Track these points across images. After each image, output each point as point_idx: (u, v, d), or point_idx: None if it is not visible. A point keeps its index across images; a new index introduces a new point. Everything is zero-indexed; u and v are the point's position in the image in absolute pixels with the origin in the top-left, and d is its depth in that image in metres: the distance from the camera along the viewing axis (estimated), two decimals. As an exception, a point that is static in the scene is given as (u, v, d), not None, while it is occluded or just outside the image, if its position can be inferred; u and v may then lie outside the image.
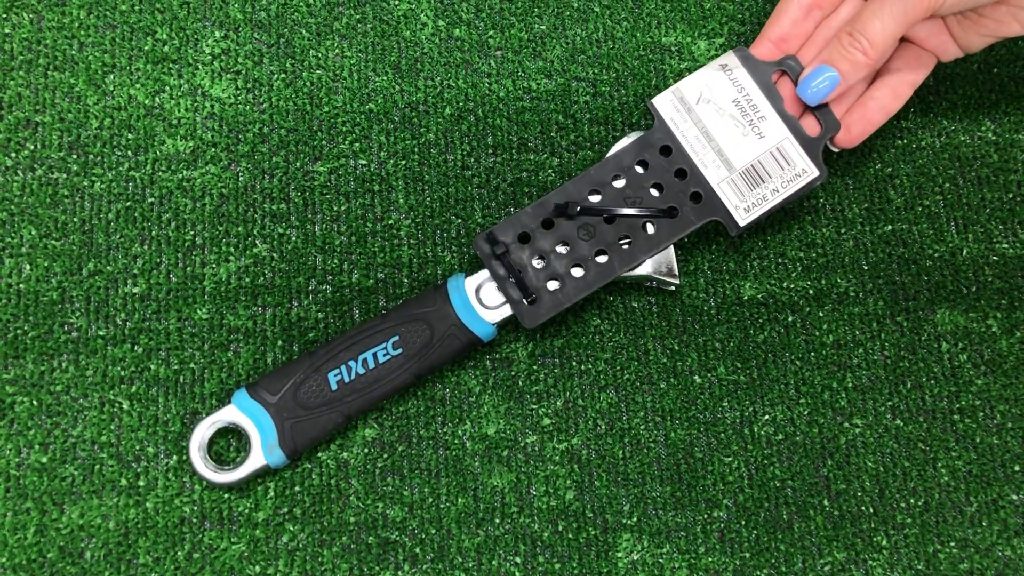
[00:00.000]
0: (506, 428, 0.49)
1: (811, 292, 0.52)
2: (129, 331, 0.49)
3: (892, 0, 0.43)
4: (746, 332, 0.51)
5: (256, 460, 0.46)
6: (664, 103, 0.49)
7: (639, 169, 0.48)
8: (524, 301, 0.47)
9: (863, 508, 0.49)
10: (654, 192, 0.48)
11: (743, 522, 0.49)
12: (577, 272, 0.47)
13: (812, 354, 0.51)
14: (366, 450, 0.49)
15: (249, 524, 0.47)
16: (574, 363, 0.51)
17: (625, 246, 0.48)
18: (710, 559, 0.48)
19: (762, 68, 0.49)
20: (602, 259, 0.48)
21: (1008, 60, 0.56)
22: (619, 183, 0.48)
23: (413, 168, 0.53)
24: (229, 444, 0.48)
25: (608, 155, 0.49)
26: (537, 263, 0.47)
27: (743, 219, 0.48)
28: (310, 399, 0.46)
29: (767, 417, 0.50)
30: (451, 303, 0.47)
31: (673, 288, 0.50)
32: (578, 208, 0.47)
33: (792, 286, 0.52)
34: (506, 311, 0.47)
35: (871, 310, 0.52)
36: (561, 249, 0.48)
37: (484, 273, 0.48)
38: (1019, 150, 0.54)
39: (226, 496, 0.48)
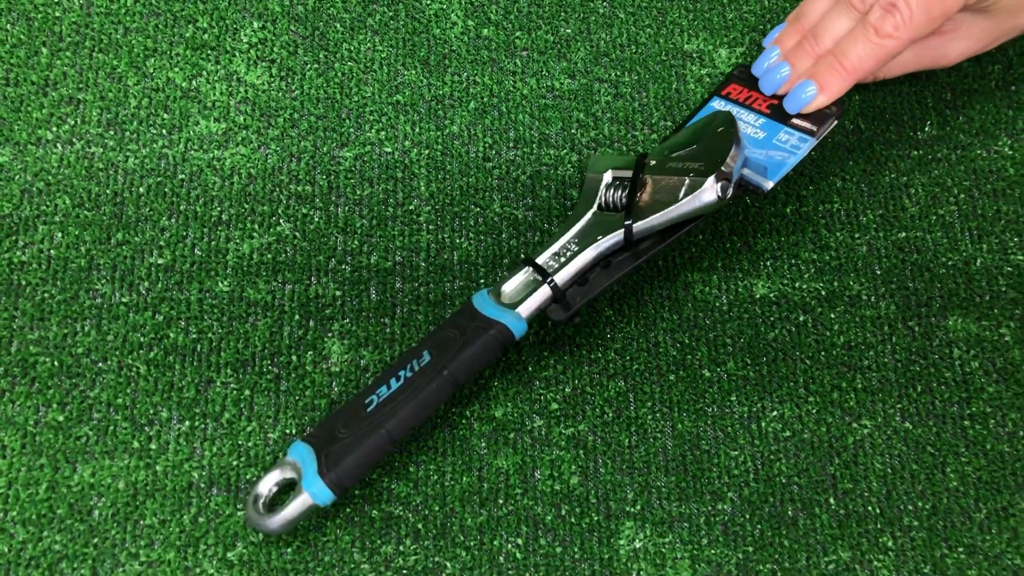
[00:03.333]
0: (514, 411, 0.50)
1: (823, 293, 0.52)
2: (152, 300, 0.51)
3: (871, 39, 0.47)
4: (757, 329, 0.52)
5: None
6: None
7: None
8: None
9: (870, 508, 0.49)
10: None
11: (747, 516, 0.48)
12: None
13: (822, 354, 0.51)
14: (375, 426, 0.49)
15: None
16: (584, 351, 0.51)
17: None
18: (713, 551, 0.48)
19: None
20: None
21: (1026, 78, 0.57)
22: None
23: (436, 158, 0.54)
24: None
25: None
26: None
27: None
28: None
29: (775, 413, 0.50)
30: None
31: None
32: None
33: (804, 287, 0.52)
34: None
35: (883, 314, 0.52)
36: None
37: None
38: (1035, 165, 0.55)
39: (235, 464, 0.48)
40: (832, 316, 0.52)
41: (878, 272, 0.53)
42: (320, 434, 0.46)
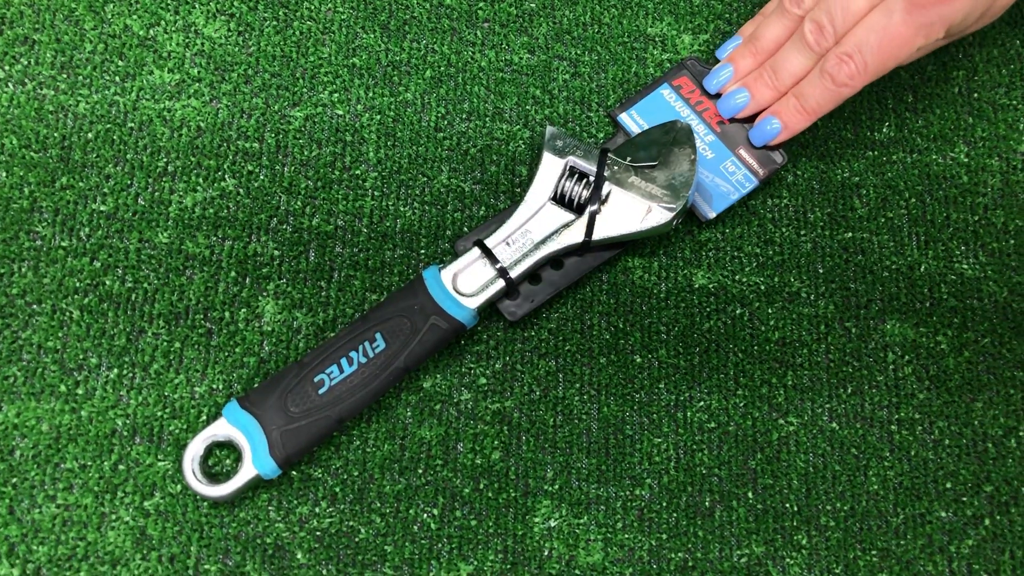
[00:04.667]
0: (442, 383, 0.50)
1: (763, 288, 0.52)
2: (91, 246, 0.51)
3: (827, 87, 0.49)
4: (692, 319, 0.51)
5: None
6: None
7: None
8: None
9: (788, 505, 0.49)
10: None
11: (664, 503, 0.48)
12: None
13: (756, 348, 0.51)
14: (302, 387, 0.49)
15: (177, 445, 0.48)
16: (517, 329, 0.51)
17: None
18: (626, 535, 0.48)
19: None
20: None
21: (990, 86, 0.56)
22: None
23: (387, 124, 0.54)
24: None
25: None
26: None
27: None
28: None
29: (702, 404, 0.50)
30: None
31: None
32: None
33: (745, 280, 0.52)
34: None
35: (821, 312, 0.52)
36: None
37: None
38: (990, 174, 0.54)
39: (159, 414, 0.48)
40: (769, 311, 0.52)
41: (820, 271, 0.53)
42: (263, 403, 0.46)
